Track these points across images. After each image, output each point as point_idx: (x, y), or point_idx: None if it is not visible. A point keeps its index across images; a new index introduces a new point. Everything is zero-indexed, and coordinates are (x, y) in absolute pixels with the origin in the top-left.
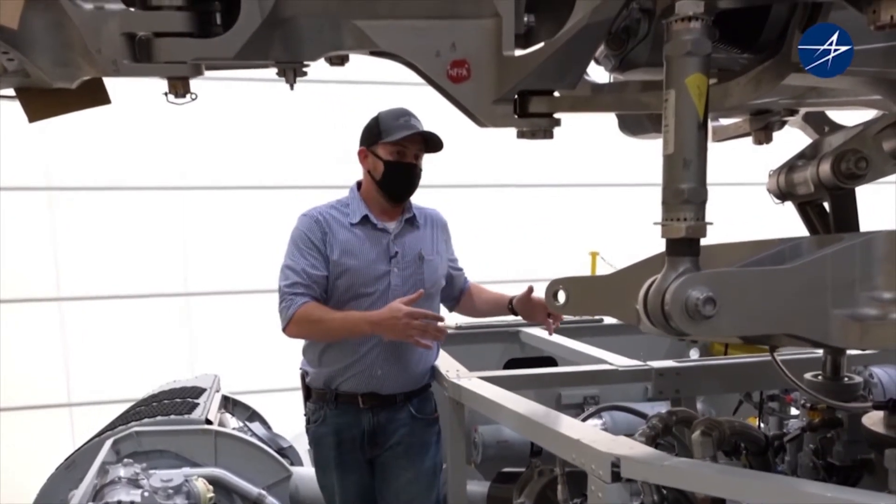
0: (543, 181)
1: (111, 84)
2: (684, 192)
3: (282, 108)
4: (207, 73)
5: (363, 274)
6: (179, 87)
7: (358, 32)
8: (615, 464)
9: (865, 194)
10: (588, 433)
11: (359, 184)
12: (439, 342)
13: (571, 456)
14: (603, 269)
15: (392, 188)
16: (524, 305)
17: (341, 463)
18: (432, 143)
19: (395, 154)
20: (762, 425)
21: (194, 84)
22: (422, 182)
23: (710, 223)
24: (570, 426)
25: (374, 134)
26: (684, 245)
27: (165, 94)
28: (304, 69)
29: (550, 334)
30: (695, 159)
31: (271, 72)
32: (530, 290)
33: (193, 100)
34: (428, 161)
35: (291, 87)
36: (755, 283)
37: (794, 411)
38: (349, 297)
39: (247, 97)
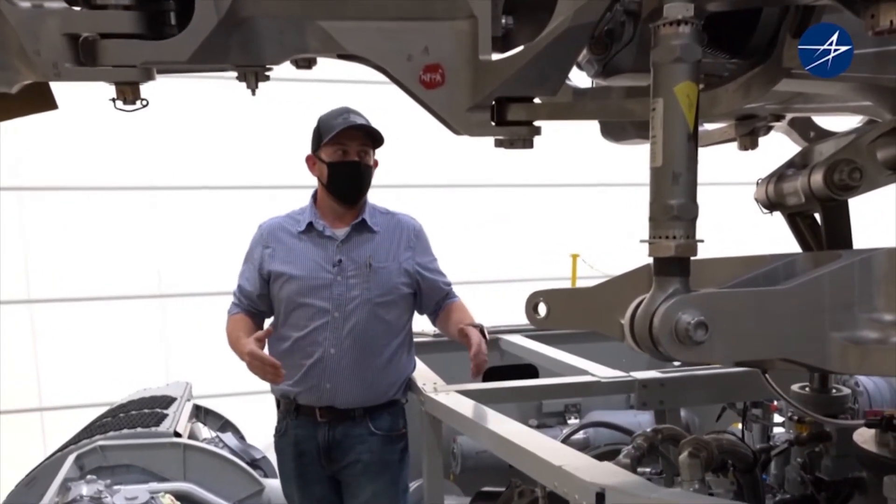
0: (523, 181)
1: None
2: (673, 207)
3: (257, 107)
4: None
5: (303, 283)
6: (128, 93)
7: (323, 34)
8: (600, 494)
9: (854, 203)
10: (571, 459)
11: (316, 191)
12: (412, 355)
13: (553, 484)
14: (584, 271)
15: (339, 190)
16: (461, 338)
17: (301, 475)
18: (375, 135)
19: (337, 154)
20: (746, 433)
21: (176, 80)
22: (401, 182)
23: (701, 241)
24: (551, 450)
25: (316, 138)
26: (673, 265)
27: (113, 100)
28: (267, 73)
29: (472, 377)
30: (684, 173)
31: None
32: (462, 327)
33: (144, 106)
34: (407, 162)
35: (253, 93)
36: (749, 305)
37: (777, 418)
38: (293, 307)
39: (222, 95)
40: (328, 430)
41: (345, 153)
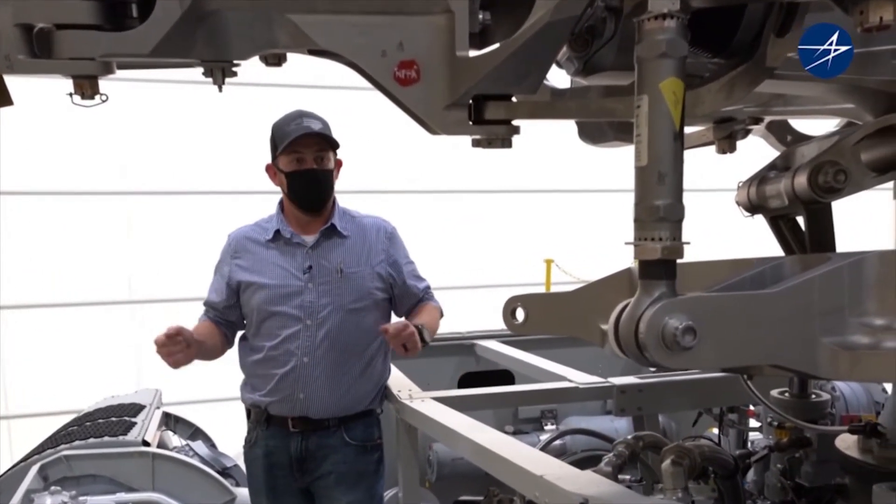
0: (497, 187)
1: (48, 82)
2: (659, 208)
3: (230, 111)
4: (155, 73)
5: (273, 291)
6: (87, 88)
7: (293, 29)
8: None
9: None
10: (552, 468)
11: (282, 198)
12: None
13: (535, 494)
14: (558, 276)
15: (300, 199)
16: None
17: (273, 488)
18: (328, 139)
19: (293, 163)
20: (723, 437)
21: (148, 84)
22: (376, 188)
23: (688, 242)
24: (531, 459)
25: (272, 146)
26: (659, 267)
27: (70, 94)
28: (234, 69)
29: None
30: (670, 173)
31: None
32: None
33: (104, 101)
34: (381, 167)
35: (220, 89)
36: (739, 309)
37: (753, 423)
38: (264, 317)
39: (195, 99)
40: (301, 440)
41: (301, 161)
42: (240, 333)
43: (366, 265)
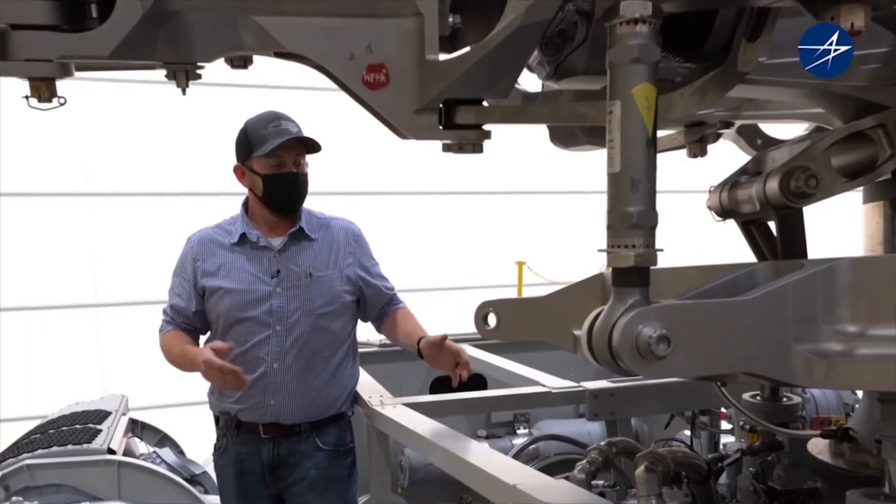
0: (468, 189)
1: (6, 82)
2: (632, 215)
3: (196, 112)
4: (119, 73)
5: (241, 297)
6: (43, 90)
7: (259, 31)
8: None
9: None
10: (525, 477)
11: (247, 199)
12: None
13: None
14: (529, 278)
15: (276, 202)
16: (431, 350)
17: (244, 495)
18: (311, 144)
19: (271, 166)
20: (695, 440)
21: (114, 84)
22: (346, 190)
23: (661, 249)
24: (504, 468)
25: (245, 147)
26: (633, 275)
27: (26, 97)
28: (198, 71)
29: (455, 385)
30: (644, 179)
31: None
32: (444, 337)
33: (62, 104)
34: (350, 169)
35: (183, 92)
36: (712, 317)
37: (725, 425)
38: (231, 322)
39: (160, 100)
40: (273, 446)
41: (280, 164)
42: (203, 338)
43: (334, 268)
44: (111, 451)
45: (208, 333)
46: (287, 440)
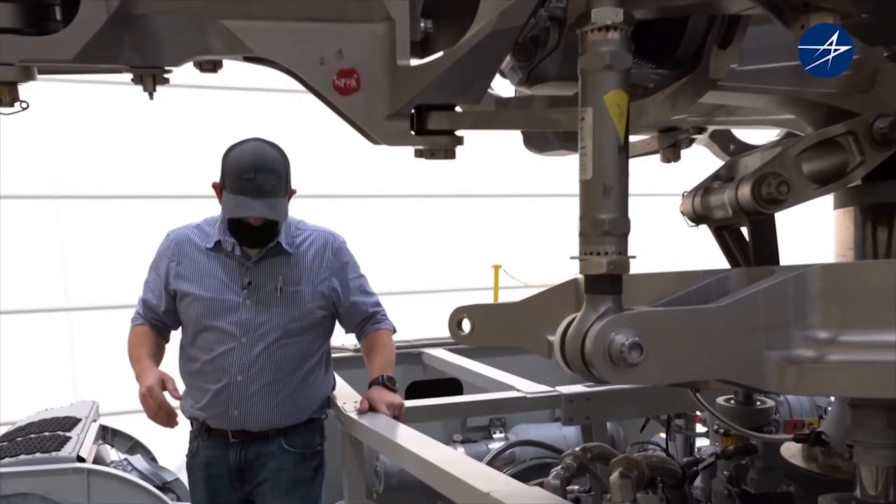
0: (444, 192)
1: None
2: (604, 222)
3: (168, 114)
4: (88, 75)
5: (209, 305)
6: (5, 94)
7: (227, 35)
8: None
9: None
10: (499, 485)
11: None
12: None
13: None
14: (505, 281)
15: (239, 241)
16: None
17: (212, 499)
18: (273, 216)
19: (235, 212)
20: (670, 443)
21: (83, 85)
22: (320, 192)
23: (633, 256)
24: (479, 475)
25: (221, 174)
26: (605, 282)
27: None
28: (166, 76)
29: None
30: (616, 186)
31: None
32: (370, 408)
33: (24, 109)
34: (326, 172)
35: (151, 97)
36: (685, 324)
37: (700, 428)
38: (199, 329)
39: (132, 101)
40: (240, 450)
41: (243, 217)
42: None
43: (307, 284)
44: (81, 459)
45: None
46: (255, 444)
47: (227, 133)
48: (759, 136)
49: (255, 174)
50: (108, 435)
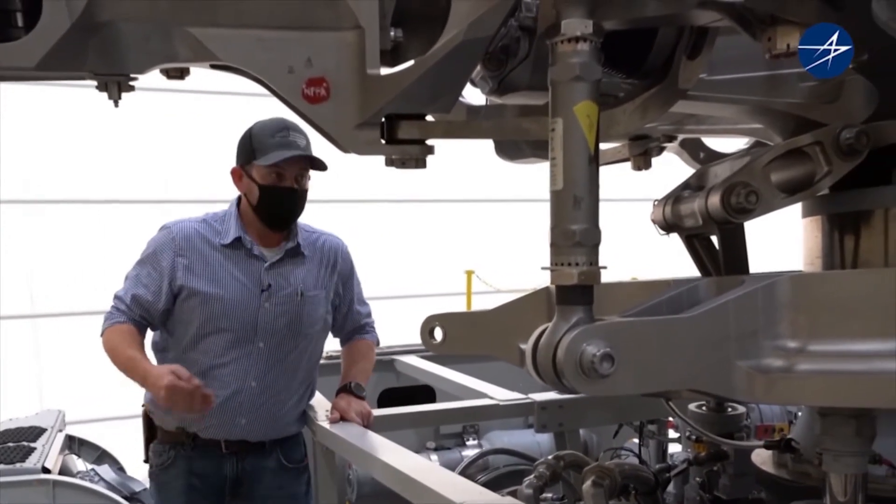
0: (418, 197)
1: None
2: (575, 233)
3: (139, 118)
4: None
5: (226, 305)
6: None
7: (193, 42)
8: None
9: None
10: (472, 495)
11: (240, 198)
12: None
13: None
14: (478, 287)
15: (270, 215)
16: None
17: None
18: (317, 162)
19: (271, 177)
20: (643, 448)
21: (54, 88)
22: None
23: (604, 267)
24: (452, 486)
25: (247, 152)
26: (576, 293)
27: None
28: (132, 83)
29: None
30: (586, 196)
31: None
32: (339, 418)
33: None
34: None
35: (116, 104)
36: (656, 334)
37: (672, 434)
38: (208, 332)
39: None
40: (236, 462)
41: (280, 177)
42: (152, 339)
43: (321, 288)
44: (46, 470)
45: (151, 333)
46: (251, 455)
47: (194, 138)
48: (728, 144)
49: (288, 132)
50: (74, 445)
